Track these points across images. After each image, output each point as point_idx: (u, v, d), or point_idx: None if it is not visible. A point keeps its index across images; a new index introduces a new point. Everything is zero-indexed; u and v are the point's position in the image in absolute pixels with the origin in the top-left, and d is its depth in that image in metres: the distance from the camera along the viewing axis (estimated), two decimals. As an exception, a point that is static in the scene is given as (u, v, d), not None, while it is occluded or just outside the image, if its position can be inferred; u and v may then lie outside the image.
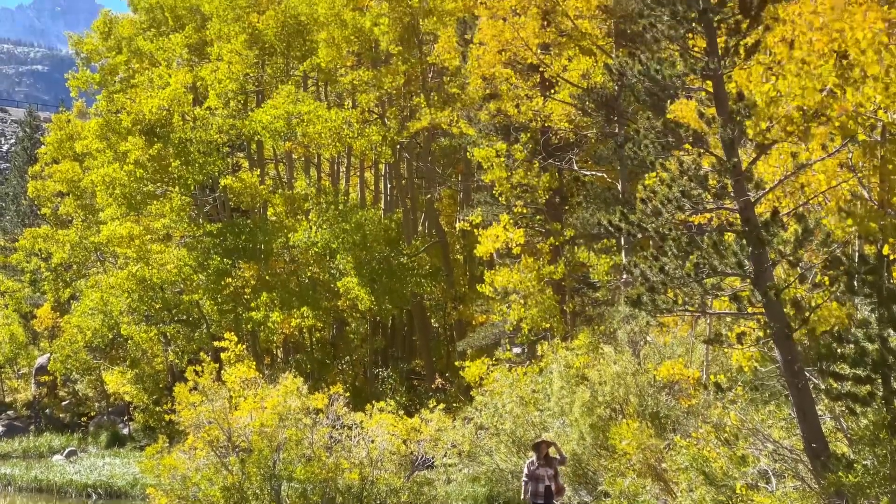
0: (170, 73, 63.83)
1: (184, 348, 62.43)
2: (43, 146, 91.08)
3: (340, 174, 75.98)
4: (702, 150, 24.29)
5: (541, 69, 46.02)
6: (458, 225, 58.62)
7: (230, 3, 64.93)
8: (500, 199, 47.34)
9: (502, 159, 46.48)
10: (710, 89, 24.30)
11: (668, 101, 28.41)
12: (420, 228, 68.03)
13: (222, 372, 39.63)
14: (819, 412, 23.92)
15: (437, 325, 69.89)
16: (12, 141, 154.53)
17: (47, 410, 77.90)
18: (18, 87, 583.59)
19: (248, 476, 34.76)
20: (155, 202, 63.13)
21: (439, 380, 56.32)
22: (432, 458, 39.13)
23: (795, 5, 22.89)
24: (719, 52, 24.05)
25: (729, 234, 24.19)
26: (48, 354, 78.28)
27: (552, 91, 46.19)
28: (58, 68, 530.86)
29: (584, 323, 46.59)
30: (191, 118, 62.15)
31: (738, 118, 23.26)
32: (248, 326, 59.56)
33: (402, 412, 40.86)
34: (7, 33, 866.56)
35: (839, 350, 22.17)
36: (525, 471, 27.97)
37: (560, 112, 45.57)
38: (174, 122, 60.92)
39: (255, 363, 46.26)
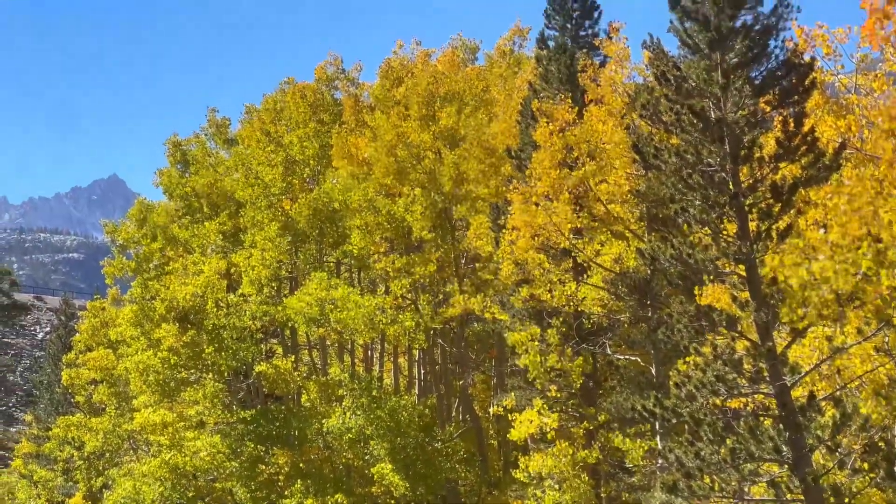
0: (204, 259, 64.40)
1: (217, 536, 61.88)
2: (77, 334, 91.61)
3: (374, 360, 75.96)
4: (736, 334, 24.23)
5: (573, 254, 46.13)
6: (491, 410, 58.28)
7: (263, 191, 65.74)
8: (533, 383, 47.12)
9: (535, 344, 46.38)
10: (743, 273, 24.33)
11: (701, 285, 28.41)
12: (454, 414, 67.72)
13: (255, 561, 39.25)
14: None
15: (471, 510, 69.13)
16: (47, 329, 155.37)
17: None
18: (54, 274, 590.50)
19: None
20: (188, 389, 63.13)
21: (475, 568, 55.53)
22: None
23: (827, 187, 23.01)
24: (751, 235, 24.12)
25: (765, 418, 24.00)
26: (79, 544, 77.60)
27: (585, 276, 46.25)
28: (93, 256, 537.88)
29: (621, 509, 46.00)
30: (224, 305, 62.52)
31: (772, 302, 23.24)
32: (282, 514, 58.98)
33: None
34: (44, 222, 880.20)
35: (881, 537, 21.82)
36: None
37: (593, 296, 45.56)
38: (208, 308, 61.28)
39: (287, 552, 45.73)
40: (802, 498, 23.19)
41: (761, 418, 24.08)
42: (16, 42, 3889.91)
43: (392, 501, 62.20)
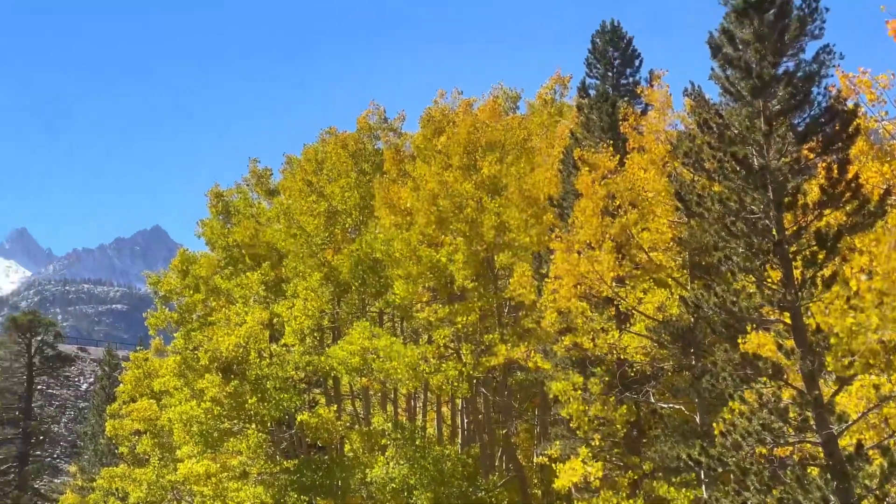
0: (246, 310, 64.55)
1: (260, 588, 61.69)
2: (121, 385, 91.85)
3: (417, 409, 75.84)
4: (781, 383, 24.08)
5: (616, 302, 46.02)
6: (535, 459, 58.10)
7: (306, 241, 65.91)
8: (577, 432, 46.93)
9: (579, 393, 46.21)
10: (788, 321, 24.19)
11: (746, 333, 28.24)
12: (497, 463, 67.46)
13: None
14: None
15: (516, 561, 68.69)
16: (91, 380, 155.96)
17: None
18: (98, 326, 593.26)
19: None
20: (232, 439, 63.14)
21: None
22: None
23: (872, 235, 22.91)
24: (796, 283, 24.00)
25: (812, 468, 23.81)
26: None
27: (628, 324, 46.10)
28: (136, 307, 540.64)
29: (667, 560, 45.60)
30: (267, 355, 62.61)
31: (818, 350, 23.10)
32: (326, 565, 58.83)
33: None
34: (88, 273, 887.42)
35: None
36: None
37: (636, 345, 45.36)
38: (251, 359, 61.39)
39: None
40: (851, 548, 22.97)
41: (808, 467, 23.90)
42: (57, 96, 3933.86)
43: (436, 551, 61.96)
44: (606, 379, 46.35)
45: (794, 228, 24.84)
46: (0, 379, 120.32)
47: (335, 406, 66.51)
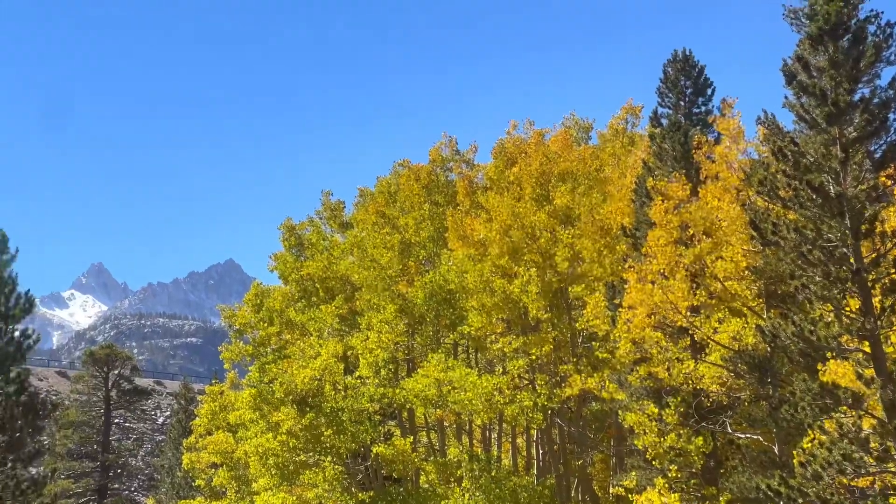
0: (321, 343, 64.75)
1: None
2: (197, 418, 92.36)
3: (492, 440, 75.68)
4: (861, 412, 23.87)
5: (690, 332, 45.79)
6: (611, 490, 57.81)
7: (379, 274, 66.04)
8: (653, 463, 46.69)
9: (654, 423, 45.98)
10: (868, 349, 24.00)
11: (824, 363, 28.01)
12: (573, 494, 67.14)
13: None
14: None
15: (592, 593, 68.26)
16: (167, 413, 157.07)
17: None
18: (173, 359, 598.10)
19: None
20: (307, 472, 63.29)
21: None
22: None
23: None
24: (875, 311, 23.81)
25: (894, 498, 23.57)
26: None
27: (703, 353, 45.84)
28: (211, 340, 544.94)
29: (747, 590, 45.18)
30: (342, 387, 62.73)
31: (899, 379, 22.90)
32: None
33: None
34: (163, 307, 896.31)
35: None
36: None
37: (711, 375, 45.08)
38: (326, 391, 61.53)
39: None
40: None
41: (890, 498, 23.64)
42: (132, 138, 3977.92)
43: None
44: (682, 409, 46.11)
45: (873, 256, 24.67)
46: (78, 412, 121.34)
47: (410, 438, 66.47)
